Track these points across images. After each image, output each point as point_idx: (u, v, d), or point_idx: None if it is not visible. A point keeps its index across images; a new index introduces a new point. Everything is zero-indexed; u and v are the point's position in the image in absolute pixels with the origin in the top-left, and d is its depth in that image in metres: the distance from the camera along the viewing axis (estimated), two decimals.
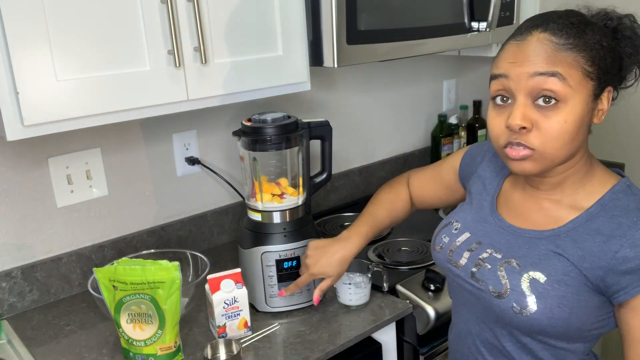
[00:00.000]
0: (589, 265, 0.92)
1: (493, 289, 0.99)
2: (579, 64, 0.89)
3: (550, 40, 0.89)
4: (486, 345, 1.07)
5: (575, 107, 0.89)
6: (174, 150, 1.64)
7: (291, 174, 1.38)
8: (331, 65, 1.36)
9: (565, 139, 0.91)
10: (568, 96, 0.89)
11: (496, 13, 1.64)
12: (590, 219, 0.95)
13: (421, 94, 2.26)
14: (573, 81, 0.89)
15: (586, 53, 0.89)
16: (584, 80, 0.89)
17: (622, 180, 0.98)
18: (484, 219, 1.08)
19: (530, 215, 1.02)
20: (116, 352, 1.24)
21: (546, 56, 0.89)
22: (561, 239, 0.96)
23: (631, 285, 0.89)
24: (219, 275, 1.24)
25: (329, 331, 1.28)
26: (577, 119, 0.90)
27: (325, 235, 1.76)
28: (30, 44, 1.02)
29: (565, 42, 0.89)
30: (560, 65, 0.89)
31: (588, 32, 0.90)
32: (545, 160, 0.93)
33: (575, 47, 0.89)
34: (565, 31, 0.90)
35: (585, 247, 0.93)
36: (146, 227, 1.62)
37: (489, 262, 1.02)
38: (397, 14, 1.45)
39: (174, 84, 1.20)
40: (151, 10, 1.15)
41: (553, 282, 0.94)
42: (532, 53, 0.90)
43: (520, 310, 0.95)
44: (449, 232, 1.12)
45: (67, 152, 1.45)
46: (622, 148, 2.12)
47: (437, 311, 1.36)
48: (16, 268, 1.41)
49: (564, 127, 0.90)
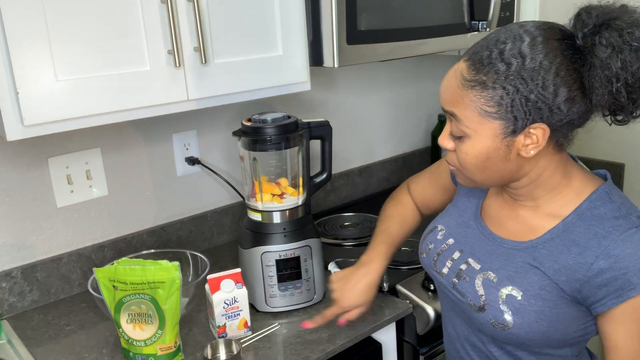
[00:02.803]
0: (565, 279, 0.91)
1: (472, 302, 1.00)
2: (476, 105, 0.88)
3: (461, 74, 0.90)
4: (474, 349, 1.07)
5: (475, 144, 0.91)
6: (174, 150, 1.64)
7: (291, 174, 1.38)
8: (331, 65, 1.36)
9: (473, 169, 0.94)
10: (466, 134, 0.91)
11: (496, 13, 1.64)
12: (566, 229, 0.93)
13: (421, 94, 2.26)
14: (469, 122, 0.90)
15: (487, 93, 0.87)
16: (483, 120, 0.89)
17: (602, 187, 0.95)
18: (466, 223, 1.08)
19: (507, 224, 1.02)
20: (116, 352, 1.24)
21: (450, 93, 0.92)
22: (538, 250, 0.95)
23: (607, 297, 0.88)
24: (219, 275, 1.24)
25: (329, 331, 1.28)
26: (478, 154, 0.91)
27: (325, 235, 1.76)
28: (30, 43, 1.02)
29: (471, 78, 0.88)
30: (458, 106, 0.90)
31: (500, 68, 0.86)
32: (467, 179, 0.97)
33: (477, 86, 0.88)
34: (476, 66, 0.88)
35: (561, 259, 0.92)
36: (146, 227, 1.62)
37: (467, 273, 1.02)
38: (397, 13, 1.45)
39: (174, 84, 1.20)
40: (151, 10, 1.15)
41: (530, 297, 0.93)
42: (444, 86, 0.94)
43: (498, 325, 0.96)
44: (433, 239, 1.12)
45: (67, 152, 1.45)
46: (622, 148, 2.11)
47: (437, 311, 1.36)
48: (16, 268, 1.41)
49: (466, 159, 0.93)
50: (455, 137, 0.94)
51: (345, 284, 1.20)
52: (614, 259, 0.87)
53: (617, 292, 0.87)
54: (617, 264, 0.87)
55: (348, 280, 1.20)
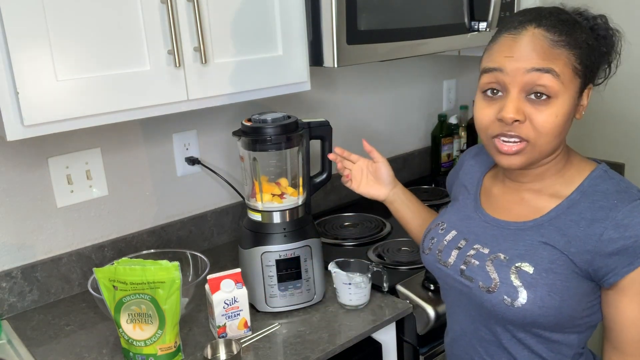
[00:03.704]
0: (575, 250, 0.93)
1: (483, 284, 1.00)
2: (571, 62, 0.92)
3: (545, 37, 0.91)
4: (482, 343, 1.07)
5: (564, 102, 0.93)
6: (174, 150, 1.64)
7: (291, 174, 1.38)
8: (331, 65, 1.36)
9: (556, 132, 0.94)
10: (559, 92, 0.92)
11: (496, 13, 1.64)
12: (571, 206, 0.96)
13: (421, 94, 2.26)
14: (565, 78, 0.92)
15: (577, 51, 0.92)
16: (574, 78, 0.93)
17: (599, 167, 1.00)
18: (468, 216, 1.10)
19: (512, 208, 1.04)
20: (116, 352, 1.24)
21: (542, 52, 0.91)
22: (545, 227, 0.97)
23: (619, 265, 0.91)
24: (219, 275, 1.24)
25: (329, 331, 1.28)
26: (565, 113, 0.93)
27: (325, 235, 1.76)
28: (30, 44, 1.02)
29: (559, 38, 0.92)
30: (555, 62, 0.91)
31: (577, 30, 0.93)
32: (535, 153, 0.96)
33: (567, 45, 0.92)
34: (559, 28, 0.92)
35: (569, 233, 0.94)
36: (146, 227, 1.62)
37: (476, 258, 1.03)
38: (397, 13, 1.45)
39: (174, 84, 1.20)
40: (151, 10, 1.15)
41: (541, 272, 0.95)
42: (529, 48, 0.92)
43: (512, 303, 0.96)
44: (435, 233, 1.13)
45: (67, 152, 1.45)
46: (622, 148, 2.12)
47: (437, 311, 1.36)
48: (16, 268, 1.41)
49: (555, 121, 0.93)
50: (536, 100, 0.92)
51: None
52: (623, 228, 0.90)
53: (628, 259, 0.90)
54: (627, 233, 0.90)
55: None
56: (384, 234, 1.76)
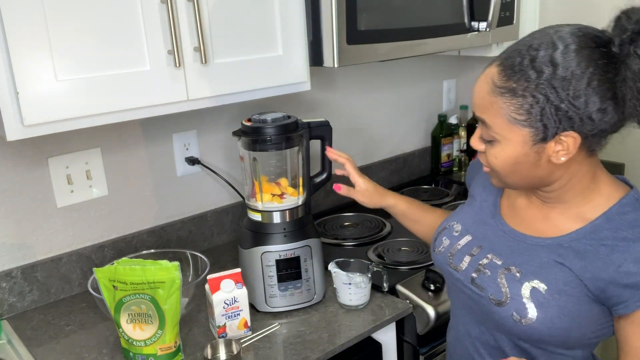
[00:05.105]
0: (590, 276, 0.91)
1: (493, 296, 0.99)
2: (506, 112, 0.88)
3: (492, 80, 0.90)
4: (486, 347, 1.06)
5: (504, 148, 0.91)
6: (174, 150, 1.64)
7: (291, 174, 1.38)
8: (331, 65, 1.36)
9: (506, 171, 0.94)
10: (496, 138, 0.92)
11: (496, 13, 1.64)
12: (594, 231, 0.93)
13: (421, 94, 2.26)
14: (498, 128, 0.90)
15: (517, 101, 0.87)
16: (512, 127, 0.89)
17: (632, 193, 0.95)
18: (484, 221, 1.08)
19: (533, 222, 1.01)
20: (116, 352, 1.24)
21: (480, 98, 0.92)
22: (563, 248, 0.95)
23: (631, 299, 0.89)
24: (219, 275, 1.24)
25: (329, 331, 1.28)
26: (507, 158, 0.92)
27: (325, 235, 1.76)
28: (30, 44, 1.02)
29: (501, 85, 0.88)
30: (487, 112, 0.91)
31: (531, 76, 0.85)
32: (500, 180, 0.97)
33: (506, 93, 0.87)
34: (507, 72, 0.87)
35: (587, 257, 0.92)
36: (146, 227, 1.62)
37: (489, 268, 1.01)
38: (397, 14, 1.45)
39: (174, 84, 1.20)
40: (151, 10, 1.15)
41: (554, 292, 0.93)
42: (475, 92, 0.94)
43: (520, 319, 0.95)
44: (449, 235, 1.12)
45: (67, 152, 1.45)
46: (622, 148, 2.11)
47: (437, 311, 1.36)
48: (16, 268, 1.41)
49: (495, 162, 0.94)
50: (485, 140, 0.95)
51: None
52: None
53: None
54: None
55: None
56: (384, 234, 1.76)
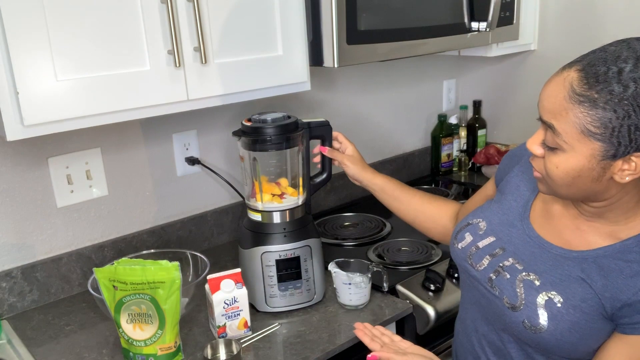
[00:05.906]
0: (610, 295, 0.91)
1: (508, 300, 0.98)
2: (581, 122, 0.83)
3: (571, 85, 0.83)
4: (492, 346, 1.07)
5: (569, 159, 0.87)
6: (174, 150, 1.64)
7: (291, 174, 1.38)
8: (331, 65, 1.36)
9: (563, 182, 0.89)
10: (563, 148, 0.87)
11: (496, 13, 1.64)
12: (622, 251, 0.92)
13: (421, 94, 2.26)
14: (568, 137, 0.85)
15: (595, 112, 0.81)
16: (583, 139, 0.84)
17: None
18: (511, 223, 1.05)
19: (563, 232, 0.99)
20: (116, 352, 1.24)
21: (553, 103, 0.86)
22: (587, 263, 0.94)
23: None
24: (219, 275, 1.24)
25: (329, 331, 1.28)
26: (570, 170, 0.87)
27: (325, 235, 1.76)
28: (30, 44, 1.02)
29: (581, 92, 0.82)
30: (560, 119, 0.85)
31: (615, 89, 0.80)
32: (550, 189, 0.93)
33: (586, 102, 0.82)
34: (589, 81, 0.82)
35: (610, 276, 0.91)
36: (146, 227, 1.62)
37: (508, 271, 1.00)
38: (397, 14, 1.45)
39: (174, 84, 1.20)
40: (151, 10, 1.15)
41: (569, 307, 0.93)
42: (547, 94, 0.87)
43: (530, 327, 0.95)
44: (473, 232, 1.09)
45: (67, 152, 1.45)
46: None
47: (437, 311, 1.36)
48: (16, 268, 1.41)
49: (555, 172, 0.89)
50: (548, 146, 0.89)
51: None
52: None
53: None
54: None
55: None
56: (384, 234, 1.76)
